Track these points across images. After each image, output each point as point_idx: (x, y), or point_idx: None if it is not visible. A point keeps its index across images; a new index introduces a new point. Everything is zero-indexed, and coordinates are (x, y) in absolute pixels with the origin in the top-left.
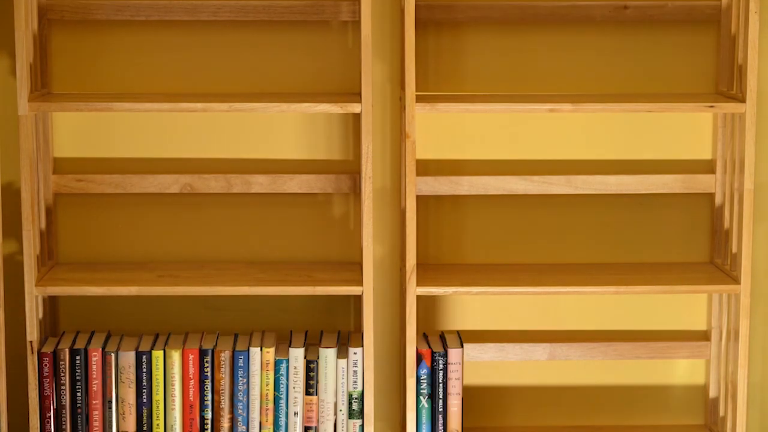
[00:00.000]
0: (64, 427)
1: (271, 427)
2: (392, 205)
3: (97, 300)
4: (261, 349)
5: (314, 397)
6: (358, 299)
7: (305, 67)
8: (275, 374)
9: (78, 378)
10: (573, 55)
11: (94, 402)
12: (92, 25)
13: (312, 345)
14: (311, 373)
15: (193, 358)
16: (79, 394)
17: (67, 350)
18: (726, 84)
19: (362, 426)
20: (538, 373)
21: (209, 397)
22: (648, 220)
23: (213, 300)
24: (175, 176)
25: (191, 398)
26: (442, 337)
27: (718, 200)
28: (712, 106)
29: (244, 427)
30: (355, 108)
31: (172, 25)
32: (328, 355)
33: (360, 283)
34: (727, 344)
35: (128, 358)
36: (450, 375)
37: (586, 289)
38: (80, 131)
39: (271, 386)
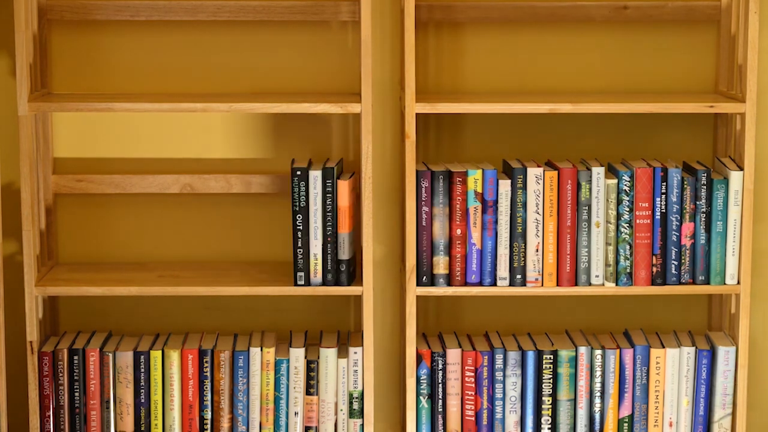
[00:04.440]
0: (62, 426)
1: (272, 427)
2: (392, 205)
3: (97, 300)
4: (261, 349)
5: (315, 397)
6: (358, 299)
7: (305, 67)
8: (276, 374)
9: (76, 378)
10: (573, 55)
11: (91, 402)
12: (92, 25)
13: (312, 345)
14: (312, 373)
15: (192, 358)
16: (77, 393)
17: (65, 350)
18: (726, 84)
19: (362, 426)
20: None
21: (209, 397)
22: None
23: (213, 300)
24: (175, 176)
25: (190, 398)
26: (441, 338)
27: None
28: (712, 106)
29: (244, 427)
30: (355, 108)
31: (172, 25)
32: (328, 355)
33: (360, 283)
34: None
35: (126, 358)
36: (449, 375)
37: (586, 290)
38: (80, 131)
39: (271, 386)
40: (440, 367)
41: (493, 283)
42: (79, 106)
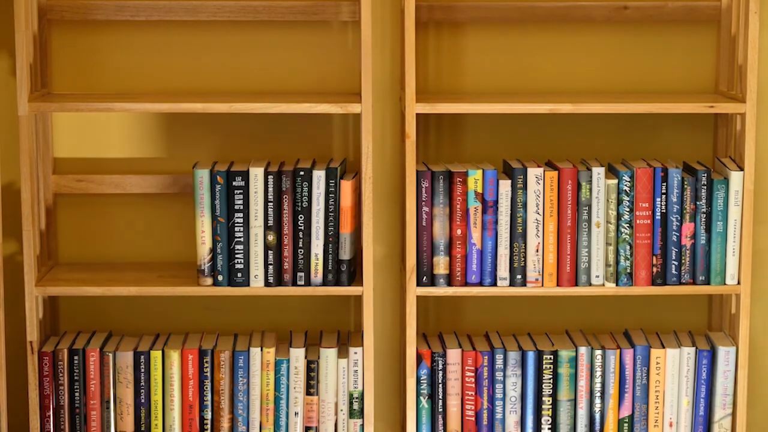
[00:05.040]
0: (62, 426)
1: (272, 427)
2: (392, 205)
3: (97, 300)
4: (261, 350)
5: (315, 397)
6: (358, 299)
7: (305, 67)
8: (276, 374)
9: (76, 378)
10: (573, 55)
11: (91, 402)
12: (92, 25)
13: (312, 345)
14: (312, 373)
15: (192, 358)
16: (77, 394)
17: (65, 350)
18: (726, 84)
19: (362, 426)
20: None
21: (209, 397)
22: None
23: (213, 300)
24: (174, 176)
25: (190, 398)
26: (441, 338)
27: None
28: (712, 106)
29: (244, 427)
30: (355, 108)
31: (172, 25)
32: (328, 355)
33: (360, 283)
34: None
35: (126, 358)
36: (449, 375)
37: (586, 290)
38: (80, 131)
39: (271, 386)
40: (440, 367)
41: (494, 284)
42: (79, 106)
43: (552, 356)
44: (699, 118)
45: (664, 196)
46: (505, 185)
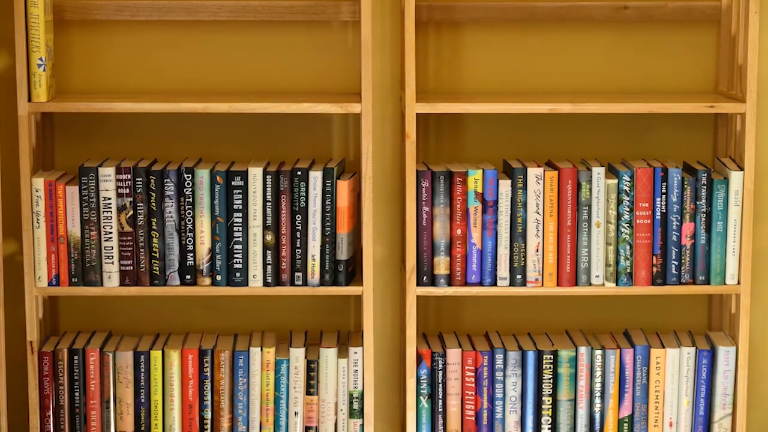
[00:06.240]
0: (62, 426)
1: (272, 427)
2: (392, 205)
3: (97, 300)
4: (261, 349)
5: (315, 397)
6: (358, 299)
7: (305, 67)
8: (276, 374)
9: (76, 378)
10: (573, 55)
11: (91, 402)
12: (92, 25)
13: (312, 345)
14: (312, 373)
15: (192, 358)
16: (77, 393)
17: (65, 350)
18: (726, 84)
19: (362, 426)
20: None
21: (209, 397)
22: None
23: (213, 300)
24: None
25: (190, 398)
26: (441, 338)
27: None
28: (712, 106)
29: (244, 427)
30: (355, 108)
31: (172, 25)
32: (328, 355)
33: (360, 283)
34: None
35: (126, 358)
36: (449, 375)
37: (586, 290)
38: (80, 131)
39: (271, 386)
40: (440, 367)
41: (494, 283)
42: (79, 106)
43: (552, 356)
44: (699, 118)
45: (664, 196)
46: (505, 185)
